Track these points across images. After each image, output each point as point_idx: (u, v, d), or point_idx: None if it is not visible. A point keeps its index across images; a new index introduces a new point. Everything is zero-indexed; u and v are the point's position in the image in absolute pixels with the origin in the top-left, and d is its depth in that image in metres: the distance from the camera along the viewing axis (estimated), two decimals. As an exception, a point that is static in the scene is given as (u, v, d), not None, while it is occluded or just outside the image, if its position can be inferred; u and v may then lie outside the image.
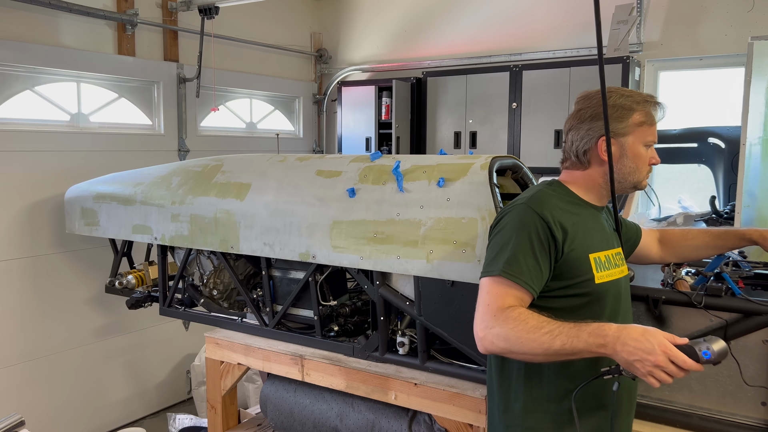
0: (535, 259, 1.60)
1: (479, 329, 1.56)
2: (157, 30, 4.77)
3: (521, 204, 1.67)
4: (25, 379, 4.01)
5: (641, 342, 1.38)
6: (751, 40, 3.44)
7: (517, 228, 1.62)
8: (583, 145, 1.73)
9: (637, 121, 1.69)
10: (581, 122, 1.73)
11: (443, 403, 2.49)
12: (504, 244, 1.62)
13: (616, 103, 1.68)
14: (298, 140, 6.29)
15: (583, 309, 1.67)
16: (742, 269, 2.20)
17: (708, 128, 4.48)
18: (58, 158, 4.12)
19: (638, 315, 2.20)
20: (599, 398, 1.72)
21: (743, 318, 2.00)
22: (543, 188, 1.74)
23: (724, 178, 4.32)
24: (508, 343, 1.50)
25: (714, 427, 2.07)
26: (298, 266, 2.90)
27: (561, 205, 1.69)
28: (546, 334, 1.46)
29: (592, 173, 1.75)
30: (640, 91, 1.77)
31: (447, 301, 2.48)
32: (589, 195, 1.78)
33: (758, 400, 2.03)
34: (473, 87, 5.12)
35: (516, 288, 1.58)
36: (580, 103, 1.76)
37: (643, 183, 1.77)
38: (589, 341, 1.43)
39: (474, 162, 2.49)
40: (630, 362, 1.39)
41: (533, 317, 1.51)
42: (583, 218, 1.72)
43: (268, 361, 2.98)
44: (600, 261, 1.70)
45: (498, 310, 1.54)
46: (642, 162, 1.72)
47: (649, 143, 1.73)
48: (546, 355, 1.47)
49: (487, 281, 1.60)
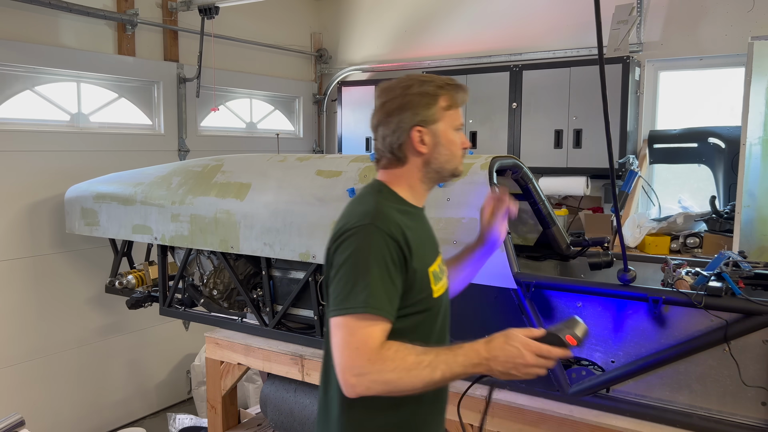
0: (393, 285, 1.46)
1: (349, 376, 1.39)
2: (157, 30, 4.77)
3: (369, 225, 1.47)
4: (25, 379, 4.01)
5: (507, 350, 1.40)
6: (751, 40, 3.43)
7: (370, 254, 1.44)
8: (397, 139, 1.60)
9: (443, 105, 1.60)
10: (389, 116, 1.60)
11: (443, 403, 2.48)
12: (360, 274, 1.43)
13: (421, 91, 1.58)
14: (298, 140, 6.29)
15: (421, 328, 1.58)
16: (742, 269, 2.20)
17: (708, 128, 4.48)
18: (58, 158, 4.12)
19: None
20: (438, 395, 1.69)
21: (743, 318, 2.00)
22: (378, 199, 1.57)
23: (724, 178, 4.32)
24: (387, 386, 1.39)
25: (714, 427, 2.07)
26: (298, 266, 2.90)
27: (399, 217, 1.54)
28: (426, 368, 1.39)
29: (411, 168, 1.63)
30: (438, 76, 1.68)
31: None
32: (412, 195, 1.65)
33: (758, 400, 2.03)
34: (473, 87, 5.12)
35: (382, 321, 1.43)
36: (383, 96, 1.63)
37: (460, 169, 1.68)
38: (465, 364, 1.42)
39: (474, 162, 2.49)
40: (506, 372, 1.41)
41: (410, 353, 1.41)
42: (417, 227, 1.61)
43: (268, 361, 2.98)
44: (436, 273, 1.62)
45: (371, 352, 1.38)
46: (456, 147, 1.64)
47: (458, 127, 1.64)
48: (426, 387, 1.41)
49: (349, 320, 1.40)
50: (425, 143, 1.59)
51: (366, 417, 1.57)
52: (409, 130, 1.58)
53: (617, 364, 2.24)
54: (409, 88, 1.59)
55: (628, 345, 2.22)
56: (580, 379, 2.29)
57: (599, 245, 2.89)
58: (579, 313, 2.29)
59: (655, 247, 4.08)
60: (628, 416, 2.20)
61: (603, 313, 2.25)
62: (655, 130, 4.77)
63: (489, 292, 2.37)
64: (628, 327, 2.21)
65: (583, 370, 2.29)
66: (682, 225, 4.18)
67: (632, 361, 2.20)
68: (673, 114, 4.80)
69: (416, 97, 1.58)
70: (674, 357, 2.12)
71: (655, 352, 2.15)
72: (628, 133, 4.48)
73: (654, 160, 4.69)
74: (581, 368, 2.30)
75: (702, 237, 4.05)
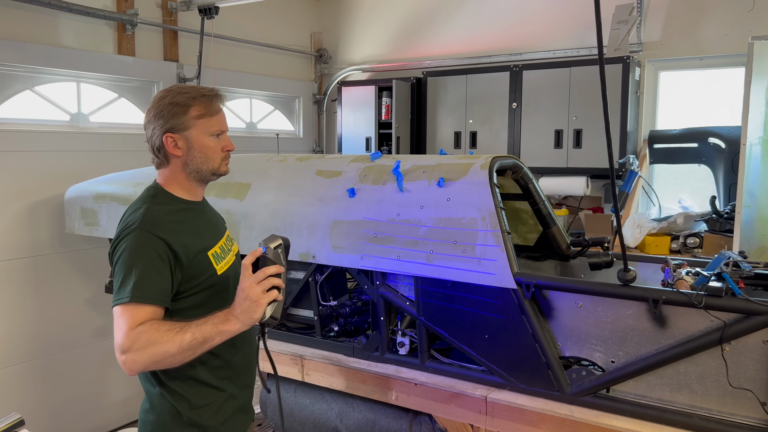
0: (160, 275, 1.69)
1: (119, 355, 1.61)
2: (157, 30, 4.77)
3: (136, 229, 1.72)
4: (25, 379, 4.01)
5: (238, 296, 1.64)
6: (751, 40, 3.43)
7: (137, 252, 1.69)
8: (155, 142, 1.83)
9: (195, 114, 1.81)
10: (148, 123, 1.84)
11: (443, 403, 2.49)
12: (127, 270, 1.67)
13: (173, 101, 1.80)
14: (298, 140, 6.28)
15: (213, 299, 1.83)
16: (742, 269, 2.20)
17: (708, 128, 4.48)
18: (58, 158, 4.11)
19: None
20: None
21: (743, 318, 2.00)
22: (149, 206, 1.80)
23: (725, 178, 4.32)
24: (147, 356, 1.59)
25: (714, 427, 2.07)
26: (298, 266, 2.90)
27: (171, 218, 1.80)
28: (177, 333, 1.60)
29: (174, 169, 1.86)
30: (200, 86, 1.89)
31: (447, 301, 2.48)
32: (186, 192, 1.89)
33: (758, 400, 2.03)
34: (473, 87, 5.12)
35: (148, 308, 1.65)
36: (152, 102, 1.85)
37: (222, 169, 1.90)
38: (215, 322, 1.64)
39: (474, 162, 2.49)
40: (246, 312, 1.63)
41: (163, 325, 1.63)
42: (192, 220, 1.86)
43: (268, 361, 2.98)
44: (217, 254, 1.87)
45: (130, 331, 1.60)
46: (212, 151, 1.85)
47: (215, 132, 1.85)
48: (182, 352, 1.60)
49: (119, 309, 1.64)
50: (179, 147, 1.81)
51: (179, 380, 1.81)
52: (161, 136, 1.81)
53: (617, 364, 2.24)
54: (162, 99, 1.82)
55: (628, 345, 2.22)
56: (580, 379, 2.29)
57: (599, 245, 2.89)
58: (579, 312, 2.29)
59: (655, 247, 4.08)
60: (628, 416, 2.20)
61: (603, 313, 2.25)
62: (655, 130, 4.77)
63: (489, 292, 2.37)
64: (628, 327, 2.21)
65: (583, 370, 2.29)
66: (682, 225, 4.18)
67: (632, 361, 2.20)
68: (673, 114, 4.80)
69: (167, 107, 1.80)
70: (674, 357, 2.12)
71: (655, 352, 2.16)
72: (628, 133, 4.48)
73: (654, 160, 4.69)
74: (581, 368, 2.30)
75: (702, 237, 4.05)
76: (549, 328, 2.36)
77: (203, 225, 1.92)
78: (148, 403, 1.87)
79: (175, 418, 1.82)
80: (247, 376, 2.02)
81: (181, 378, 1.82)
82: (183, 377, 1.82)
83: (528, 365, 2.36)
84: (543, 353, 2.32)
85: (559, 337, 2.36)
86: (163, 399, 1.83)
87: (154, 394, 1.85)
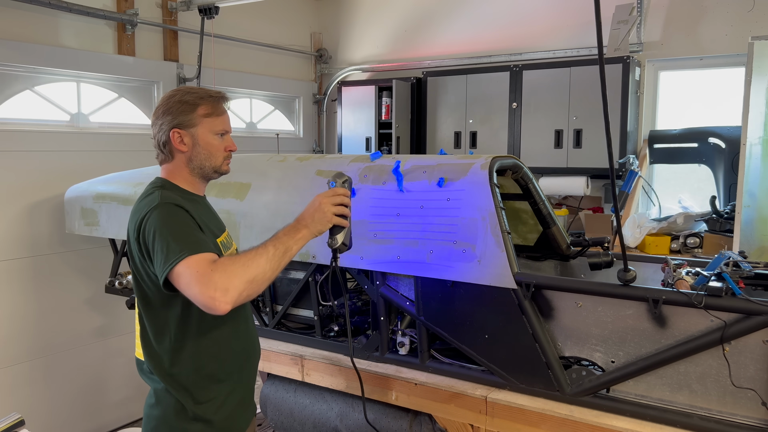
0: (193, 229, 1.75)
1: (211, 296, 1.58)
2: (157, 30, 4.77)
3: (159, 205, 1.76)
4: (25, 379, 4.01)
5: (310, 205, 1.83)
6: (751, 40, 3.43)
7: (169, 220, 1.73)
8: (161, 137, 1.90)
9: (202, 113, 1.89)
10: (157, 118, 1.91)
11: (443, 403, 2.49)
12: (168, 236, 1.69)
13: (181, 100, 1.88)
14: (298, 140, 6.28)
15: None
16: (742, 269, 2.20)
17: (708, 128, 4.48)
18: (58, 158, 4.12)
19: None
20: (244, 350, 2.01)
21: (743, 318, 2.00)
22: (161, 192, 1.84)
23: (725, 178, 4.32)
24: (241, 280, 1.61)
25: (714, 427, 2.07)
26: (298, 266, 2.90)
27: (181, 200, 1.86)
28: (257, 251, 1.68)
29: (178, 164, 1.93)
30: (208, 88, 1.98)
31: (447, 301, 2.48)
32: (191, 186, 1.95)
33: (758, 400, 2.02)
34: (473, 87, 5.12)
35: (202, 254, 1.67)
36: (161, 101, 1.93)
37: (223, 168, 1.97)
38: (287, 233, 1.76)
39: (474, 162, 2.49)
40: (316, 222, 1.79)
41: (237, 254, 1.74)
42: (201, 209, 1.95)
43: (268, 361, 2.98)
44: (224, 243, 1.98)
45: (209, 269, 1.61)
46: (215, 149, 1.93)
47: (219, 132, 1.93)
48: (271, 264, 1.67)
49: (182, 266, 1.63)
50: (185, 143, 1.89)
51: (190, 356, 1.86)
52: (168, 132, 1.87)
53: (617, 364, 2.24)
54: (171, 98, 1.90)
55: (628, 345, 2.22)
56: (580, 379, 2.29)
57: (599, 245, 2.89)
58: (579, 312, 2.29)
59: (655, 247, 4.08)
60: (628, 416, 2.20)
61: (603, 312, 2.25)
62: (655, 130, 4.77)
63: (489, 292, 2.37)
64: (628, 327, 2.21)
65: (583, 370, 2.29)
66: (682, 225, 4.18)
67: (632, 361, 2.20)
68: (673, 114, 4.81)
69: (176, 105, 1.88)
70: (674, 357, 2.12)
71: (655, 352, 2.16)
72: (628, 133, 4.48)
73: (654, 160, 4.69)
74: (581, 368, 2.30)
75: (702, 237, 4.05)
76: (549, 328, 2.36)
77: (209, 215, 2.01)
78: (153, 398, 1.92)
79: (179, 413, 1.86)
80: (249, 371, 2.04)
81: (185, 373, 1.85)
82: (187, 372, 1.85)
83: (528, 365, 2.36)
84: (543, 353, 2.32)
85: (559, 337, 2.36)
86: (167, 394, 1.87)
87: (159, 389, 1.89)
